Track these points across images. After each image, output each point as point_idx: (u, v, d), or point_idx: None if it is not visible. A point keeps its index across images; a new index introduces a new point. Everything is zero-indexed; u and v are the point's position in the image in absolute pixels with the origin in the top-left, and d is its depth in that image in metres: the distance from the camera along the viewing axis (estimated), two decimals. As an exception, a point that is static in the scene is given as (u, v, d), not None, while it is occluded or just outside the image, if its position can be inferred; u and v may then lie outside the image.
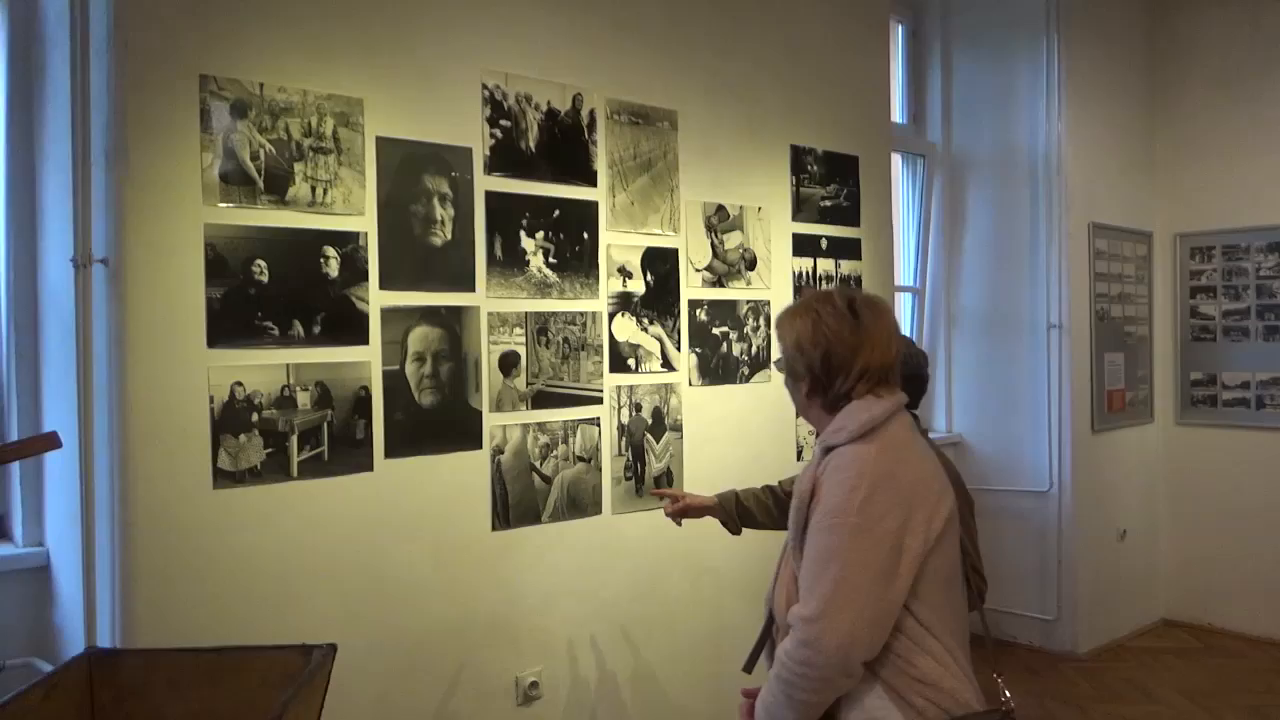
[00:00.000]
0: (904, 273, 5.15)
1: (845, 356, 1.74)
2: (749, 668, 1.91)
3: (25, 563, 2.50)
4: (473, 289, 2.85)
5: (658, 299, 3.32)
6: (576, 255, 3.10)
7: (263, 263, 2.43)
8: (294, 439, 2.48)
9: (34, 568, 2.51)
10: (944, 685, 1.63)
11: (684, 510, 2.48)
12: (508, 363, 2.93)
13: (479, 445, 2.86)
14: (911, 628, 1.63)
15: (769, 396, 3.60)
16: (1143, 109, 5.33)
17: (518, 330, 2.95)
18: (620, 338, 3.21)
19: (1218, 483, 5.15)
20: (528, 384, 2.97)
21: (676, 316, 3.37)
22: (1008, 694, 1.84)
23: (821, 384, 1.78)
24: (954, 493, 2.19)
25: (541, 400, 3.00)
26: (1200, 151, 5.23)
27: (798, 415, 1.95)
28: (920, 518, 1.63)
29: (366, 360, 2.62)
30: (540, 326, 3.00)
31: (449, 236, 2.80)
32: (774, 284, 3.68)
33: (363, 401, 2.61)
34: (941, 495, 1.70)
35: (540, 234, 3.01)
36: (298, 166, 2.50)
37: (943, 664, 1.64)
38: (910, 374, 2.29)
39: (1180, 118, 5.30)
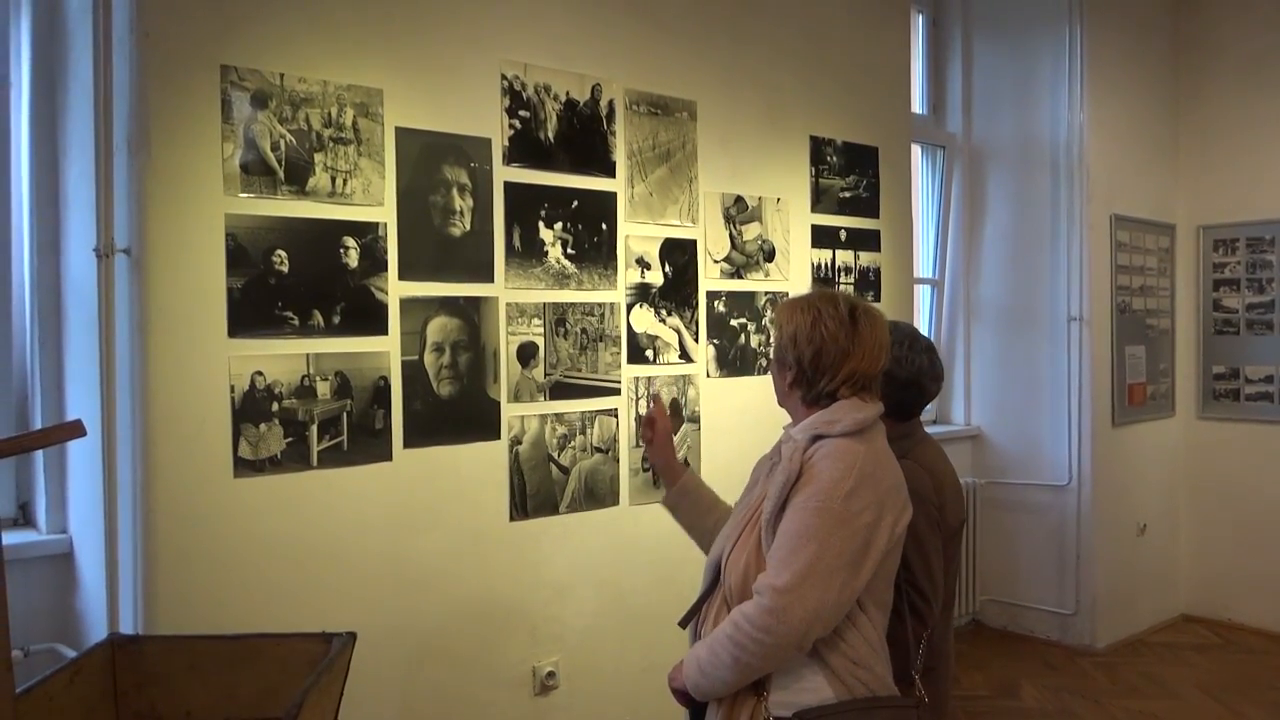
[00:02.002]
0: (923, 264, 5.12)
1: (835, 358, 1.84)
2: (686, 624, 1.96)
3: (49, 549, 2.52)
4: (491, 280, 2.85)
5: (676, 290, 3.31)
6: (595, 246, 3.09)
7: (283, 253, 2.44)
8: (314, 428, 2.49)
9: (57, 554, 2.53)
10: (876, 670, 1.77)
11: (650, 439, 2.27)
12: (526, 353, 2.93)
13: (497, 436, 2.86)
14: (859, 617, 1.76)
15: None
16: (1166, 99, 5.27)
17: (536, 321, 2.95)
18: (638, 329, 3.21)
19: (1239, 477, 5.10)
20: (546, 375, 2.97)
21: (695, 308, 3.36)
22: (922, 688, 1.96)
23: (806, 378, 1.87)
24: (949, 508, 2.18)
25: (559, 391, 3.01)
26: (1225, 142, 5.16)
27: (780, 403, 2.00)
28: (889, 520, 1.75)
29: (385, 350, 2.63)
30: (558, 317, 3.00)
31: (468, 227, 2.80)
32: (793, 275, 3.66)
33: (382, 391, 2.62)
34: (906, 505, 1.82)
35: (559, 225, 3.00)
36: (318, 157, 2.50)
37: (876, 652, 1.79)
38: (907, 379, 2.20)
39: (1205, 108, 5.24)
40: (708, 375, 3.40)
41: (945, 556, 2.16)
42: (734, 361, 3.48)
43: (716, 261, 3.43)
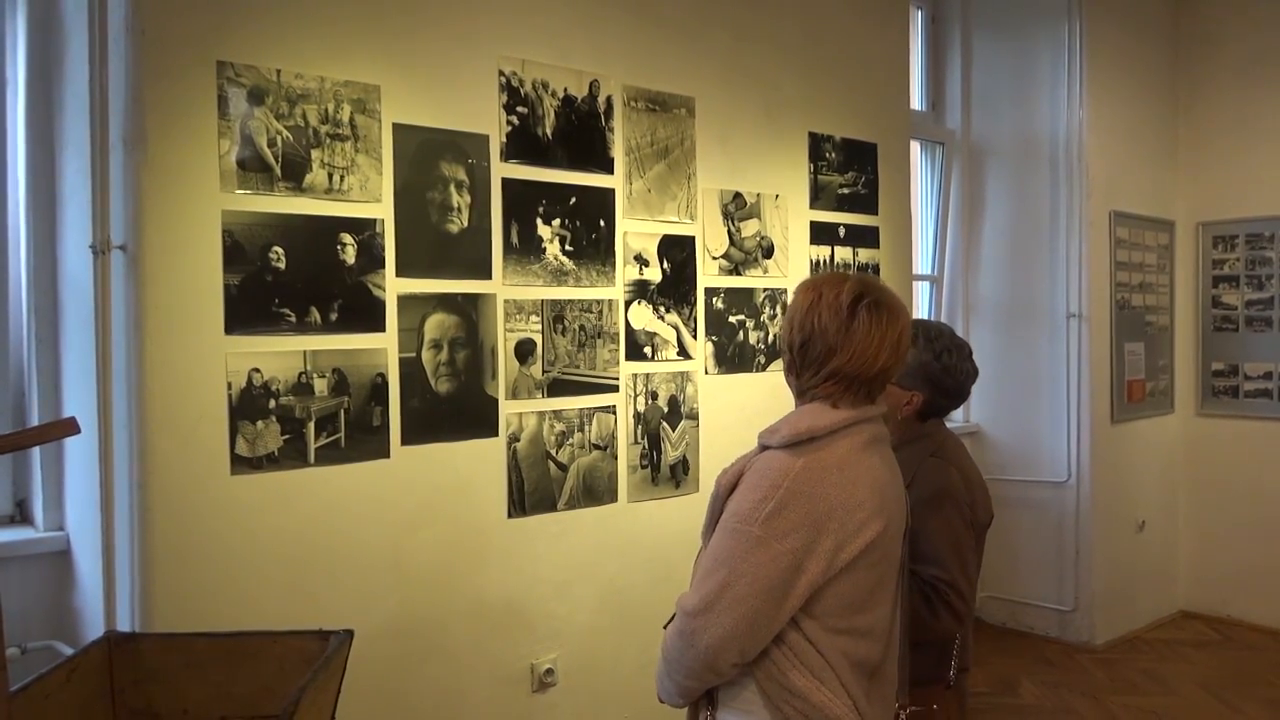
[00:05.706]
0: (922, 261, 5.11)
1: (820, 353, 1.65)
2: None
3: (46, 546, 2.52)
4: (489, 276, 2.84)
5: (674, 287, 3.30)
6: (593, 243, 3.09)
7: (280, 249, 2.44)
8: (311, 425, 2.49)
9: (54, 551, 2.53)
10: (813, 699, 1.59)
11: None
12: (524, 350, 2.92)
13: (495, 433, 2.86)
14: (795, 641, 1.60)
15: (785, 385, 3.58)
16: (1166, 95, 5.26)
17: (534, 318, 2.94)
18: (636, 326, 3.20)
19: (1238, 474, 5.10)
20: (544, 372, 2.97)
21: (693, 304, 3.36)
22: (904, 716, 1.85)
23: (795, 367, 1.72)
24: (979, 505, 2.14)
25: (558, 388, 3.00)
26: (1224, 138, 5.16)
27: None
28: (828, 544, 1.55)
29: (383, 347, 2.62)
30: (557, 314, 3.00)
31: (465, 224, 2.79)
32: (791, 272, 3.66)
33: (379, 389, 2.61)
34: (867, 523, 1.59)
35: (557, 221, 3.00)
36: (315, 153, 2.50)
37: (819, 678, 1.60)
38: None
39: (1204, 104, 5.23)
40: (706, 372, 3.39)
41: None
42: (732, 358, 3.47)
43: (715, 258, 3.42)
